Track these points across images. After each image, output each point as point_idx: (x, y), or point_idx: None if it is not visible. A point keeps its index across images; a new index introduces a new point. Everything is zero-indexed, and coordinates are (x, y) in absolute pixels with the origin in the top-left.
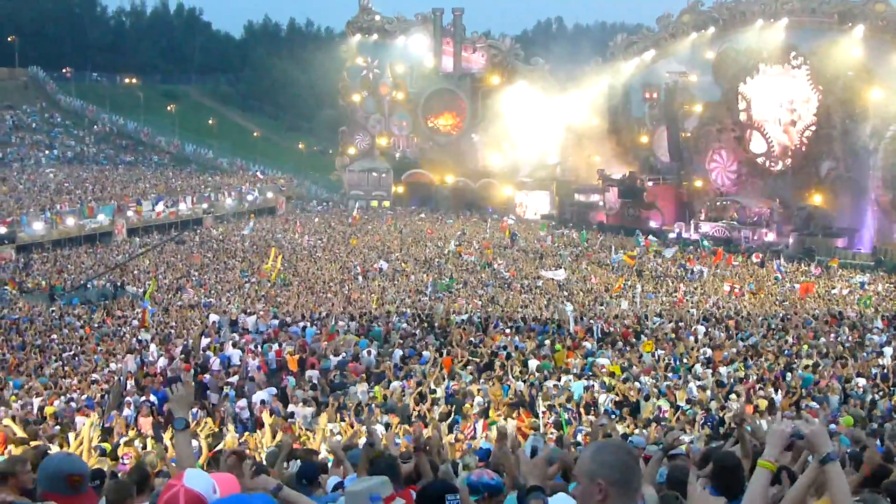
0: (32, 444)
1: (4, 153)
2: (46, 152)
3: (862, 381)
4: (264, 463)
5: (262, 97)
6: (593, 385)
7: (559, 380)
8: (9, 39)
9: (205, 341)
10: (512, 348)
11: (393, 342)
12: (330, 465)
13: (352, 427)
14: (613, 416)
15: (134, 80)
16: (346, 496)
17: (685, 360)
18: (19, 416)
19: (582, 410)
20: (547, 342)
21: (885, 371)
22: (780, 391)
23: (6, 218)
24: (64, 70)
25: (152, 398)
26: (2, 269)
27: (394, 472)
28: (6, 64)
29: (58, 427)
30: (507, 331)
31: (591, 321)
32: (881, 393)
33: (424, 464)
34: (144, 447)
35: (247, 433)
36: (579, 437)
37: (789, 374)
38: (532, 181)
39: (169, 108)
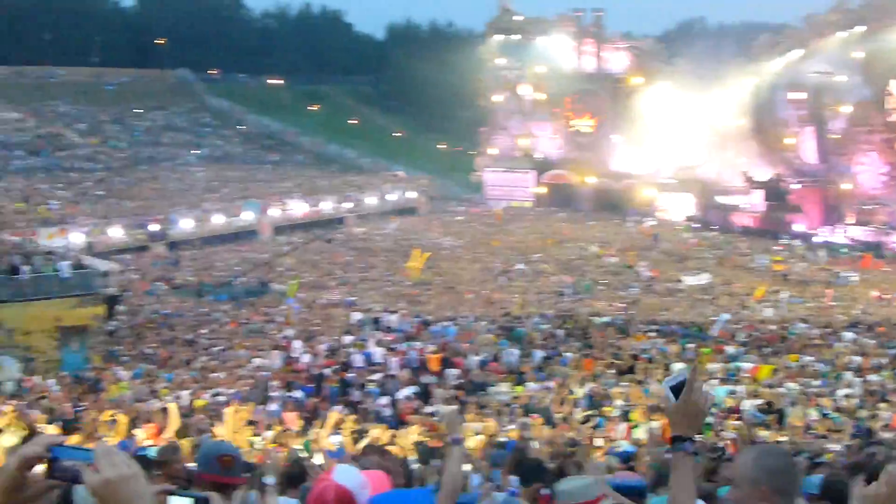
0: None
1: (155, 153)
2: (195, 152)
3: None
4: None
5: (402, 97)
6: (736, 390)
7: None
8: (160, 42)
9: (348, 339)
10: (655, 351)
11: (534, 343)
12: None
13: (494, 427)
14: (759, 422)
15: (279, 81)
16: (558, 495)
17: (833, 367)
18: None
19: (726, 415)
20: (690, 345)
21: None
22: None
23: (158, 216)
24: (211, 71)
25: (297, 394)
26: (154, 266)
27: (541, 473)
28: (156, 66)
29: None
30: (650, 333)
31: (736, 326)
32: None
33: (569, 465)
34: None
35: (389, 430)
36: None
37: None
38: (674, 182)
39: (312, 108)
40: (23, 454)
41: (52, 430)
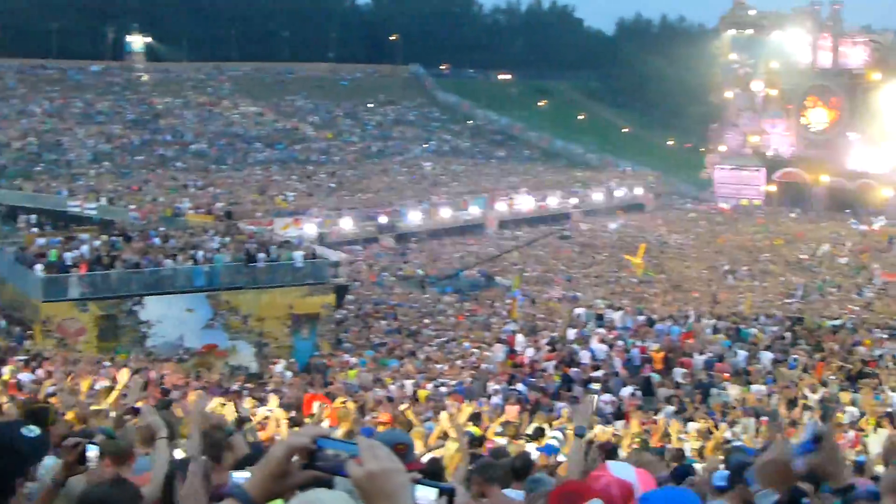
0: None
1: (385, 146)
2: (424, 146)
3: None
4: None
5: (631, 93)
6: None
7: None
8: (393, 38)
9: (571, 334)
10: (889, 357)
11: (761, 345)
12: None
13: (716, 428)
14: None
15: (508, 76)
16: None
17: None
18: (396, 397)
19: None
20: None
21: None
22: None
23: (387, 208)
24: (442, 67)
25: (520, 387)
26: (381, 257)
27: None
28: (389, 61)
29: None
30: (883, 338)
31: None
32: None
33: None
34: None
35: (612, 426)
36: None
37: None
38: None
39: (540, 103)
40: (289, 443)
41: (282, 415)
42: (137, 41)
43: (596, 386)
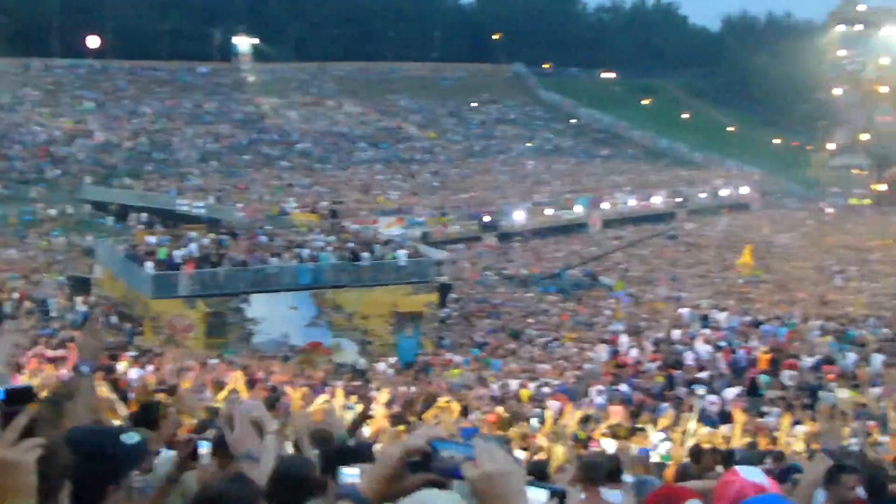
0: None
1: (488, 145)
2: (527, 145)
3: None
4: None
5: (737, 91)
6: None
7: None
8: (496, 37)
9: (675, 334)
10: None
11: (870, 347)
12: None
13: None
14: None
15: (611, 75)
16: None
17: None
18: (501, 396)
19: None
20: None
21: None
22: None
23: (490, 207)
24: (545, 65)
25: (623, 388)
26: (484, 256)
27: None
28: (492, 60)
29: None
30: None
31: None
32: None
33: None
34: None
35: (716, 428)
36: None
37: None
38: None
39: (644, 102)
40: (405, 445)
41: (383, 412)
42: (244, 42)
43: (700, 388)
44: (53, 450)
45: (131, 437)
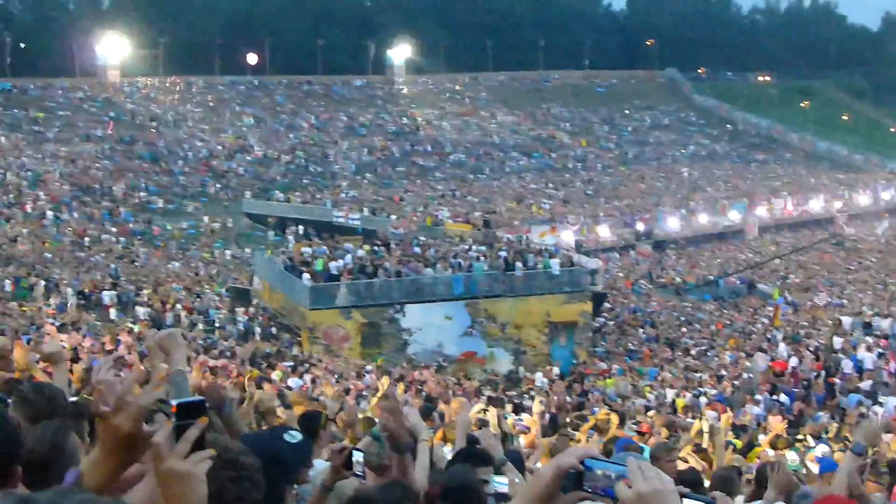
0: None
1: (642, 151)
2: (682, 150)
3: None
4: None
5: None
6: None
7: None
8: (649, 43)
9: (836, 342)
10: None
11: None
12: None
13: None
14: None
15: (766, 78)
16: None
17: None
18: (654, 406)
19: None
20: None
21: None
22: None
23: (644, 215)
24: (699, 70)
25: (783, 398)
26: (639, 264)
27: None
28: (645, 66)
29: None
30: None
31: None
32: None
33: None
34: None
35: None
36: None
37: None
38: None
39: (802, 104)
40: (558, 464)
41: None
42: (397, 55)
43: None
44: (236, 459)
45: (293, 437)
